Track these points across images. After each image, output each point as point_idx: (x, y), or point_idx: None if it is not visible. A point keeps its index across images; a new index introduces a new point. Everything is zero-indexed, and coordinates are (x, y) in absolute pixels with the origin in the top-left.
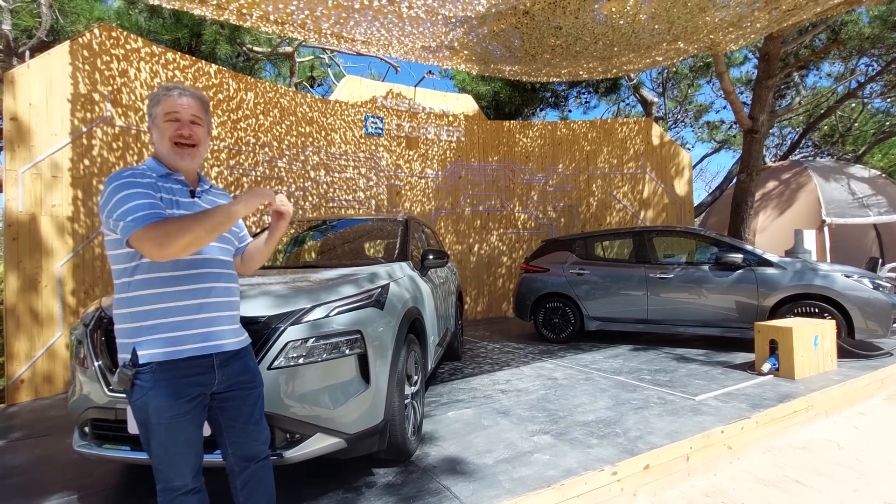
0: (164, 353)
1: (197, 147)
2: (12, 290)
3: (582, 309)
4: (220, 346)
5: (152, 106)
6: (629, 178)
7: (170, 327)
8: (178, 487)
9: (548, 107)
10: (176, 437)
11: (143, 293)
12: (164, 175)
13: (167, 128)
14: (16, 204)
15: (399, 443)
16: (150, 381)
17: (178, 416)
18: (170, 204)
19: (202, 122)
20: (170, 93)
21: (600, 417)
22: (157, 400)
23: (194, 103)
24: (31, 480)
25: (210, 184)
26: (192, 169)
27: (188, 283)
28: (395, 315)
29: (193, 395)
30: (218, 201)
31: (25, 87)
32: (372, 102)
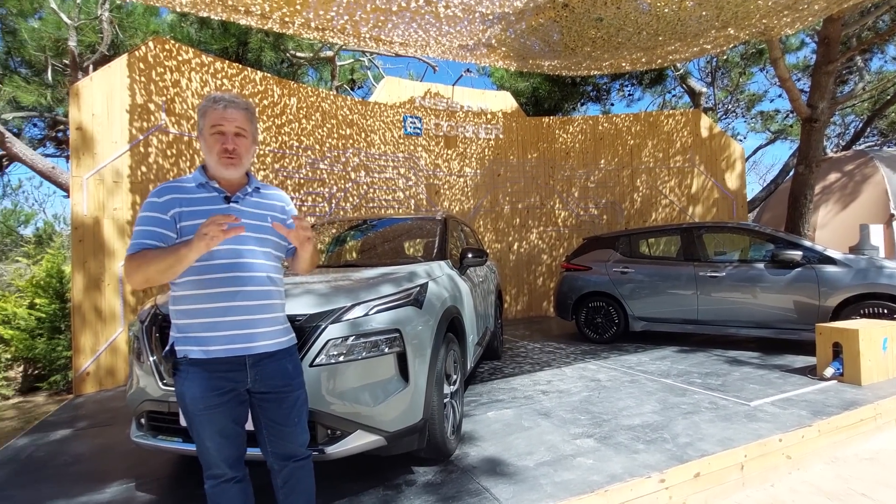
0: (195, 351)
1: (240, 158)
2: (78, 288)
3: (626, 308)
4: (251, 349)
5: (200, 117)
6: (676, 173)
7: (200, 328)
8: (219, 475)
9: (589, 101)
10: (210, 427)
11: (180, 294)
12: (202, 184)
13: (213, 141)
14: (81, 208)
15: (438, 442)
16: (185, 373)
17: (210, 407)
18: (194, 215)
19: (246, 133)
20: (216, 105)
21: (647, 422)
22: (192, 391)
23: (239, 115)
24: (93, 468)
25: (258, 185)
26: (235, 177)
27: (217, 287)
28: (433, 314)
29: (226, 388)
30: (263, 202)
31: (89, 98)
32: (410, 103)
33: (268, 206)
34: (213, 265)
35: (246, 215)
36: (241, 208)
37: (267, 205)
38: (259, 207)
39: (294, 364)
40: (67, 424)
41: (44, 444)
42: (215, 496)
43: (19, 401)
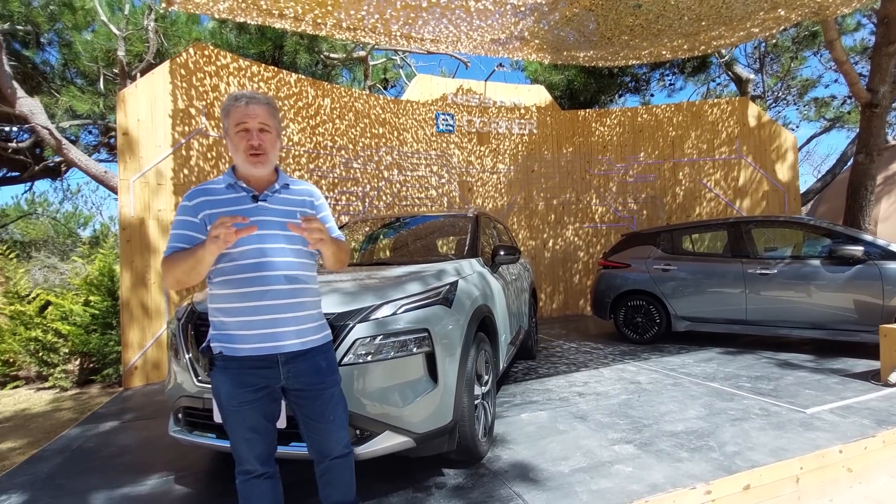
0: (228, 349)
1: (267, 154)
2: (126, 286)
3: (668, 308)
4: (281, 347)
5: (224, 117)
6: (722, 165)
7: (233, 326)
8: (249, 471)
9: (627, 92)
10: (242, 422)
11: (215, 292)
12: (231, 185)
13: (239, 140)
14: (128, 209)
15: (469, 444)
16: (220, 370)
17: (242, 403)
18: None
19: (270, 128)
20: (237, 102)
21: (691, 428)
22: (226, 387)
23: (261, 110)
24: (137, 459)
25: (287, 181)
26: (264, 175)
27: (246, 286)
28: (463, 313)
29: (258, 385)
30: (291, 198)
31: (134, 104)
32: (442, 100)
33: (296, 202)
34: (243, 265)
35: (274, 213)
36: (269, 206)
37: (296, 201)
38: (287, 204)
39: (328, 361)
40: (115, 416)
41: (93, 434)
42: (245, 491)
43: (76, 392)
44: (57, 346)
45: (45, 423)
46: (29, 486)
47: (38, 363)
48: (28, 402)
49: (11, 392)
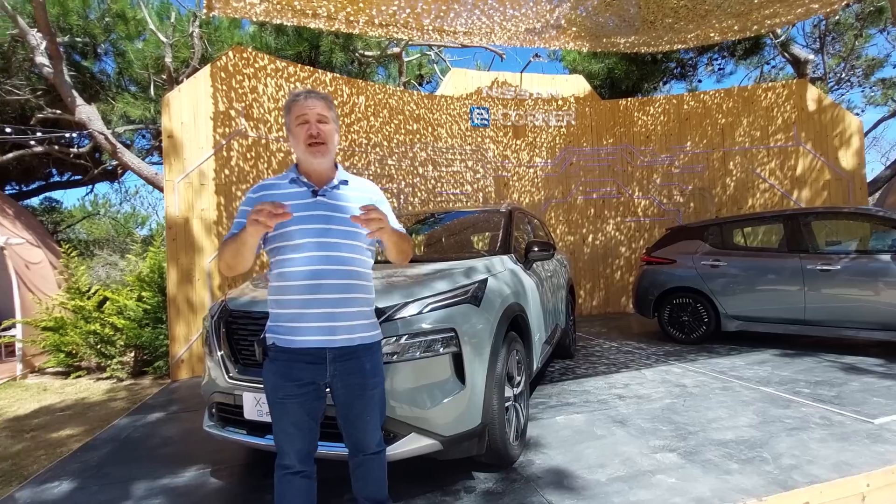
0: (280, 340)
1: (326, 144)
2: (173, 282)
3: (718, 306)
4: (332, 342)
5: (286, 114)
6: (777, 153)
7: (286, 318)
8: (287, 466)
9: (672, 79)
10: (284, 416)
11: (272, 284)
12: (293, 180)
13: (299, 132)
14: (174, 209)
15: (499, 448)
16: (271, 361)
17: (287, 397)
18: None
19: (328, 119)
20: (297, 98)
21: (742, 437)
22: (274, 379)
23: (319, 103)
24: (178, 451)
25: (346, 177)
26: (323, 168)
27: (301, 279)
28: (493, 312)
29: (304, 381)
30: (350, 194)
31: (178, 108)
32: (477, 94)
33: (355, 198)
34: (299, 258)
35: (332, 208)
36: (328, 201)
37: (354, 197)
38: (346, 200)
39: (373, 363)
40: (162, 408)
41: (140, 425)
42: (281, 486)
43: (130, 383)
44: (113, 339)
45: (101, 412)
46: (79, 473)
47: (96, 355)
48: (87, 391)
49: (74, 381)
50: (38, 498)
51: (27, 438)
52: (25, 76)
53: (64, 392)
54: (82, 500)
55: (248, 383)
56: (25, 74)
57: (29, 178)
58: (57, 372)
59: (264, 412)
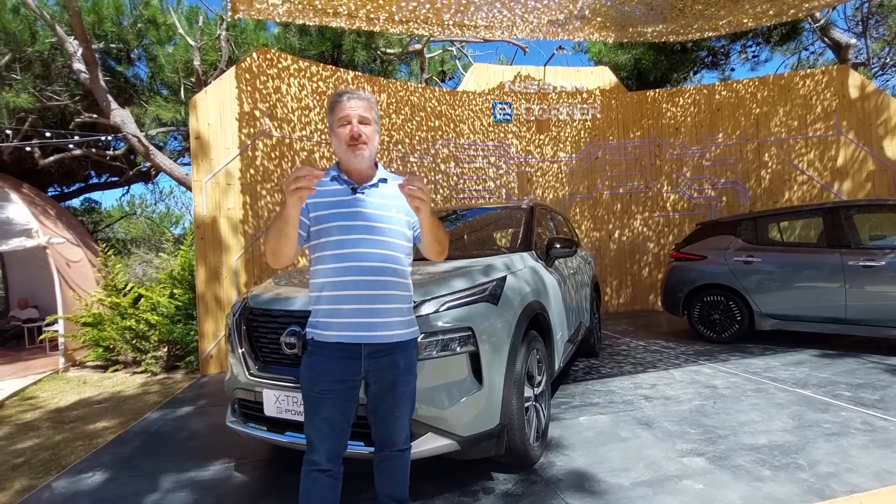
0: (319, 335)
1: (367, 144)
2: (201, 280)
3: (751, 304)
4: (367, 338)
5: (328, 113)
6: (816, 143)
7: (323, 313)
8: (315, 462)
9: (703, 68)
10: (318, 411)
11: (314, 280)
12: (334, 177)
13: (341, 132)
14: (202, 209)
15: (519, 449)
16: (309, 354)
17: (322, 392)
18: (322, 206)
19: (369, 120)
20: (340, 99)
21: (775, 442)
22: (310, 373)
23: (361, 104)
24: (205, 444)
25: (386, 176)
26: (363, 167)
27: (340, 275)
28: (511, 310)
29: (339, 377)
30: (388, 192)
31: (205, 109)
32: (499, 88)
33: (393, 195)
34: (338, 254)
35: (370, 205)
36: (366, 198)
37: (392, 195)
38: (384, 198)
39: (407, 360)
40: (191, 402)
41: (170, 418)
42: (307, 481)
43: (163, 377)
44: (148, 334)
45: (135, 405)
46: (111, 465)
47: (132, 350)
48: (123, 384)
49: (112, 375)
50: (73, 488)
51: (67, 429)
52: (64, 82)
53: (102, 385)
54: (114, 490)
55: (268, 380)
56: (64, 81)
57: (70, 180)
58: (96, 366)
59: (283, 409)
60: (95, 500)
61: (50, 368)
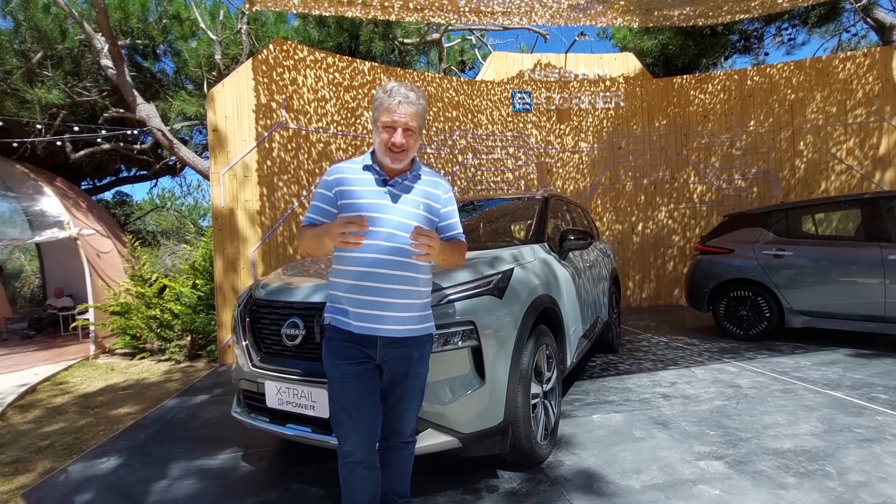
0: (337, 321)
1: (406, 152)
2: (219, 271)
3: (781, 300)
4: (381, 331)
5: (375, 109)
6: (857, 130)
7: (341, 301)
8: (347, 453)
9: (734, 53)
10: (343, 396)
11: (334, 267)
12: (367, 166)
13: (384, 133)
14: (219, 201)
15: (524, 447)
16: (328, 340)
17: (345, 375)
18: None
19: (415, 129)
20: (391, 100)
21: (802, 447)
22: (330, 357)
23: (410, 111)
24: (216, 433)
25: (420, 171)
26: (398, 168)
27: (358, 265)
28: (518, 303)
29: (359, 358)
30: (418, 188)
31: (222, 102)
32: (519, 77)
33: (422, 192)
34: (362, 247)
35: (397, 199)
36: (395, 192)
37: (421, 191)
38: (412, 193)
39: (420, 353)
40: (207, 390)
41: (186, 406)
42: (344, 476)
43: (186, 365)
44: (172, 323)
45: (157, 392)
46: (126, 450)
47: (157, 338)
48: (148, 371)
49: (138, 362)
50: (87, 472)
51: (91, 414)
52: (94, 78)
53: (128, 372)
54: (124, 476)
55: (271, 372)
56: (94, 77)
57: (101, 174)
58: (124, 353)
59: (285, 401)
60: (107, 485)
61: (81, 355)
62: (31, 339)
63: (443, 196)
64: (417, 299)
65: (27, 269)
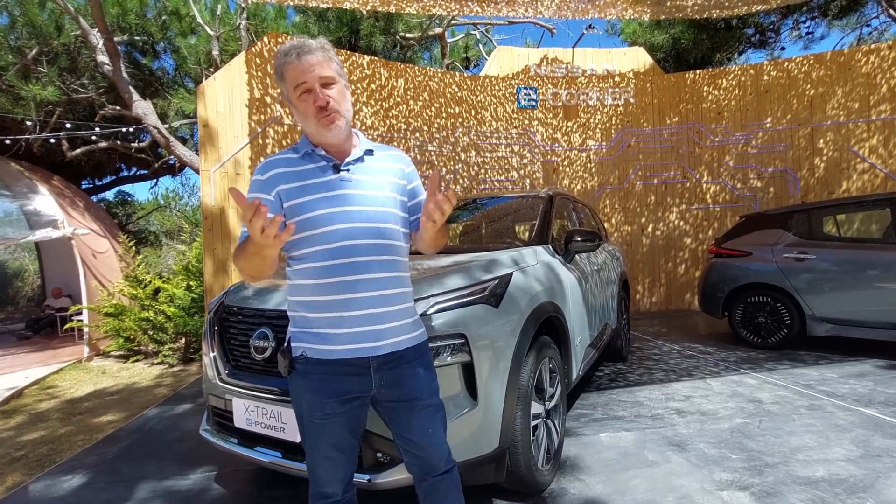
0: (315, 350)
1: (338, 111)
2: (209, 272)
3: (802, 306)
4: (377, 349)
5: (279, 81)
6: (880, 127)
7: (319, 323)
8: (328, 495)
9: (750, 47)
10: (325, 438)
11: (297, 282)
12: (308, 153)
13: (303, 105)
14: (210, 199)
15: (523, 474)
16: (302, 375)
17: (328, 416)
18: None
19: (334, 78)
20: (288, 58)
21: (837, 475)
22: (308, 396)
23: (316, 58)
24: (192, 448)
25: (370, 146)
26: (340, 139)
27: (333, 275)
28: (517, 313)
29: (347, 395)
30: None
31: (213, 97)
32: (524, 73)
33: (384, 170)
34: (328, 250)
35: (359, 185)
36: (354, 177)
37: (383, 169)
38: (374, 174)
39: (426, 366)
40: (192, 399)
41: (167, 416)
42: None
43: (179, 369)
44: (165, 326)
45: (145, 398)
46: (94, 466)
47: (150, 341)
48: (140, 376)
49: (131, 365)
50: (48, 492)
51: (73, 422)
52: (91, 75)
53: (119, 376)
54: (86, 497)
55: (239, 388)
56: (91, 73)
57: (100, 173)
58: (119, 355)
59: (253, 421)
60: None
61: (75, 357)
62: (27, 340)
63: (405, 169)
64: (408, 302)
65: (30, 268)
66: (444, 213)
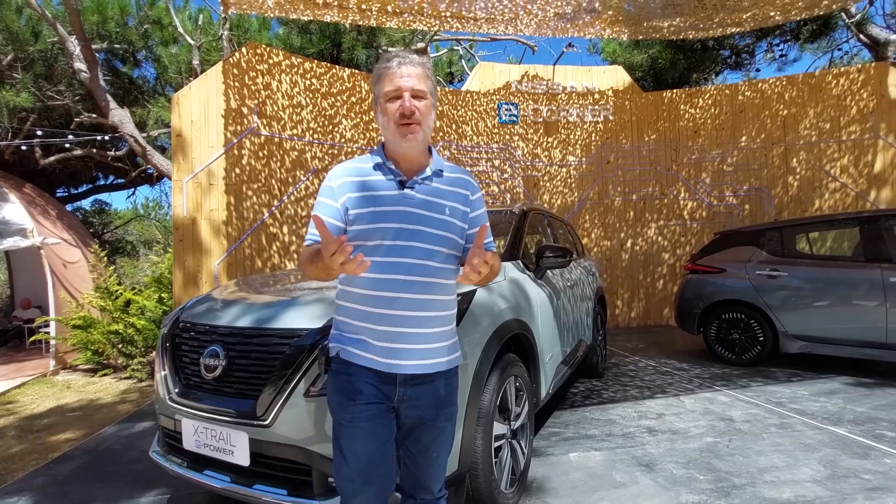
0: (347, 352)
1: (420, 125)
2: (178, 284)
3: (775, 323)
4: (402, 367)
5: (374, 84)
6: (851, 147)
7: (353, 329)
8: None
9: (726, 68)
10: (351, 445)
11: (343, 288)
12: (378, 165)
13: (390, 109)
14: (181, 210)
15: (485, 498)
16: (334, 374)
17: (355, 419)
18: (364, 202)
19: (425, 93)
20: (389, 65)
21: (804, 497)
22: (337, 397)
23: (415, 71)
24: (147, 469)
25: (441, 166)
26: (415, 153)
27: (375, 289)
28: (478, 331)
29: (373, 398)
30: (442, 188)
31: (187, 106)
32: (506, 88)
33: (447, 193)
34: (379, 263)
35: (420, 204)
36: (417, 195)
37: (446, 192)
38: (436, 195)
39: (448, 389)
40: (154, 416)
41: (124, 435)
42: None
43: (147, 384)
44: (134, 339)
45: (107, 414)
46: (41, 489)
47: (119, 355)
48: (105, 391)
49: (99, 379)
50: None
51: (29, 440)
52: (68, 82)
53: (84, 391)
54: None
55: (188, 408)
56: (68, 81)
57: (76, 181)
58: (87, 369)
59: (202, 443)
60: None
61: (40, 371)
62: None
63: (472, 197)
64: (446, 326)
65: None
66: (481, 274)
